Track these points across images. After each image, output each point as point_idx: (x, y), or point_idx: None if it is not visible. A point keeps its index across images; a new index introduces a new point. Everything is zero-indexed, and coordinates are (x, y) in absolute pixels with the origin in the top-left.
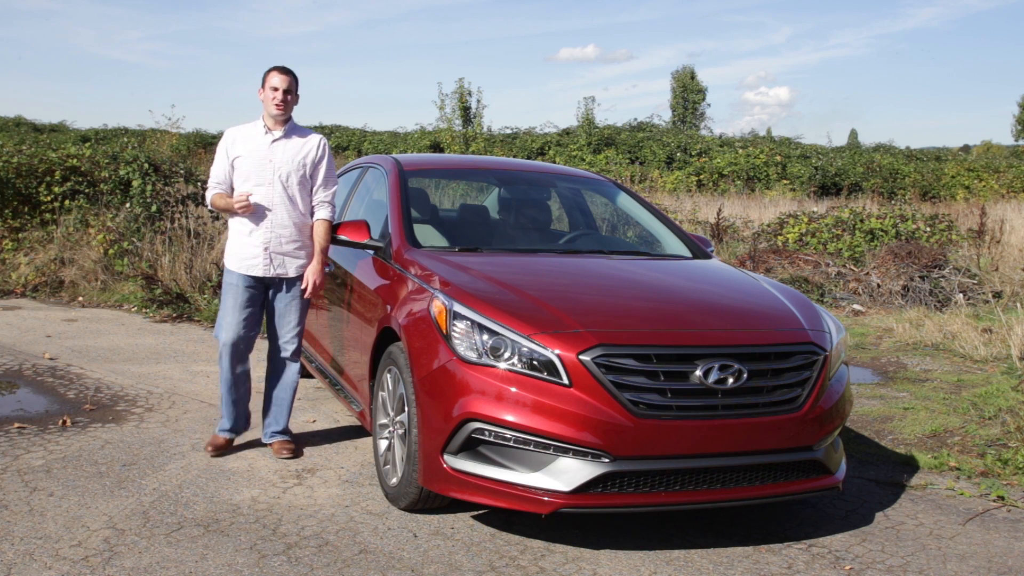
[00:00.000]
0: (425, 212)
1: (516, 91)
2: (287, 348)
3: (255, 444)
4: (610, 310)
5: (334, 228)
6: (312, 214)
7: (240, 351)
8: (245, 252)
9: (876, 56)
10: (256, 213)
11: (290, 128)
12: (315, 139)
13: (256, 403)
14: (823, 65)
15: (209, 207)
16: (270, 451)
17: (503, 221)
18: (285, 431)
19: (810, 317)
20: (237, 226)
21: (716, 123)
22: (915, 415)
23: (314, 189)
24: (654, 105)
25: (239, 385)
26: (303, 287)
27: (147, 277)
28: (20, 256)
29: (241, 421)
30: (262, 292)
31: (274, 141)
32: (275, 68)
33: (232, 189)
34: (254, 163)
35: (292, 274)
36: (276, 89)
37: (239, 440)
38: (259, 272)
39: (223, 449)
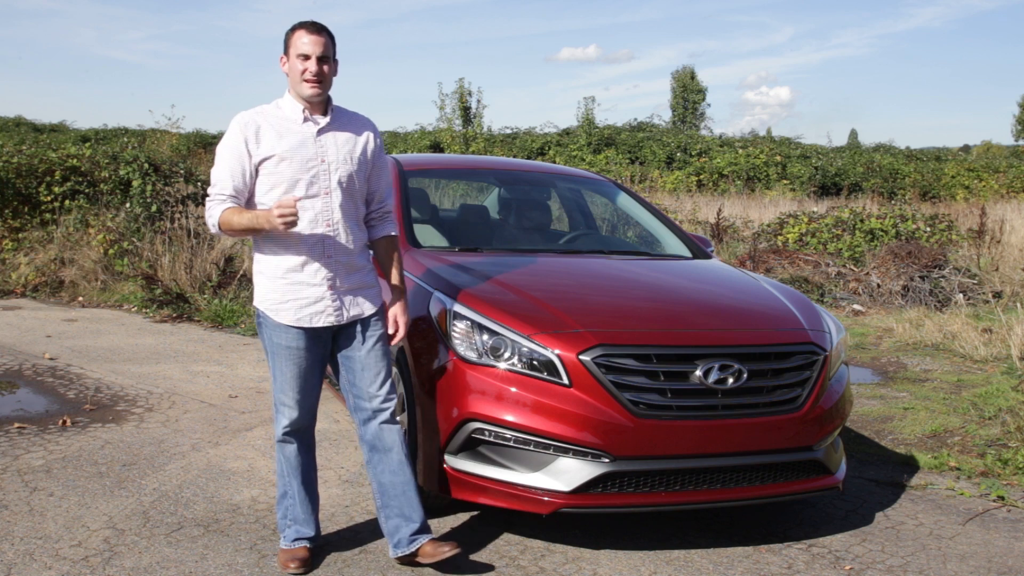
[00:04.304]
0: (425, 212)
1: (516, 91)
2: (384, 409)
3: (254, 444)
4: (610, 310)
5: None
6: (369, 229)
7: (310, 431)
8: (302, 296)
9: (877, 56)
10: (308, 237)
11: (337, 112)
12: (369, 125)
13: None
14: (824, 65)
15: (215, 229)
16: (270, 451)
17: (503, 221)
18: (425, 527)
19: (810, 317)
20: (278, 260)
21: (716, 123)
22: (915, 415)
23: (374, 195)
24: (654, 105)
25: (313, 471)
26: (391, 332)
27: (147, 277)
28: (20, 256)
29: (318, 518)
30: (327, 343)
31: (321, 131)
32: (302, 26)
33: (251, 203)
34: (301, 165)
35: (369, 311)
36: (307, 57)
37: (240, 444)
38: (329, 321)
39: (309, 562)
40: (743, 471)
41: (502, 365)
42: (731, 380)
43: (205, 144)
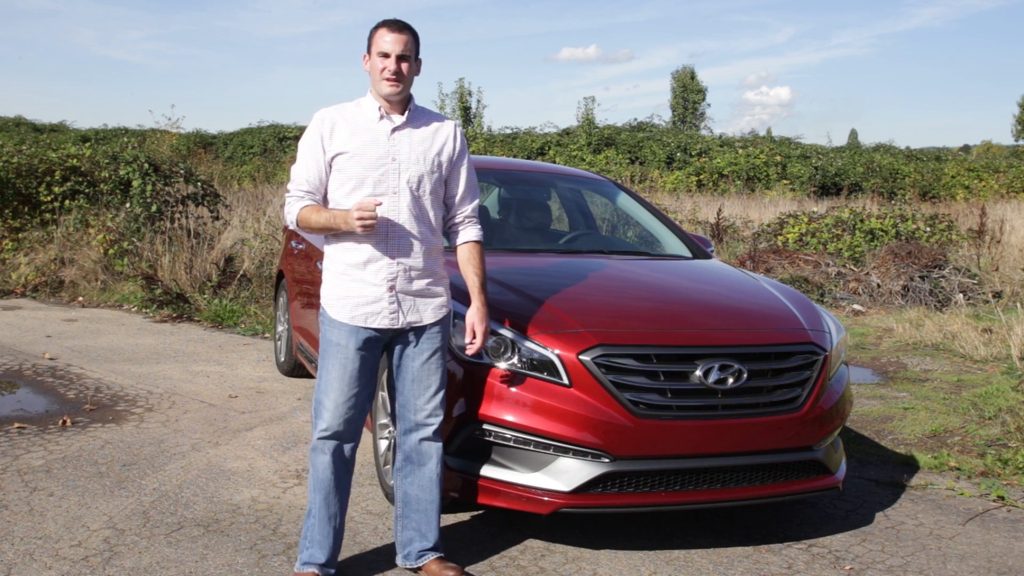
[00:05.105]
0: None
1: (516, 91)
2: (428, 424)
3: (254, 444)
4: (610, 310)
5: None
6: (448, 235)
7: (345, 445)
8: (360, 294)
9: (877, 56)
10: (374, 236)
11: (415, 111)
12: (448, 126)
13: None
14: (824, 65)
15: (294, 226)
16: (270, 451)
17: (503, 221)
18: (437, 546)
19: (810, 317)
20: (342, 255)
21: (716, 123)
22: (915, 415)
23: (453, 199)
24: (655, 105)
25: (342, 492)
26: (469, 341)
27: (147, 277)
28: (20, 256)
29: (339, 547)
30: (380, 350)
31: (395, 130)
32: (385, 24)
33: (326, 199)
34: (370, 162)
35: (429, 320)
36: (387, 56)
37: (240, 444)
38: (384, 323)
39: None
40: (743, 471)
41: (502, 365)
42: (731, 380)
43: (205, 144)
